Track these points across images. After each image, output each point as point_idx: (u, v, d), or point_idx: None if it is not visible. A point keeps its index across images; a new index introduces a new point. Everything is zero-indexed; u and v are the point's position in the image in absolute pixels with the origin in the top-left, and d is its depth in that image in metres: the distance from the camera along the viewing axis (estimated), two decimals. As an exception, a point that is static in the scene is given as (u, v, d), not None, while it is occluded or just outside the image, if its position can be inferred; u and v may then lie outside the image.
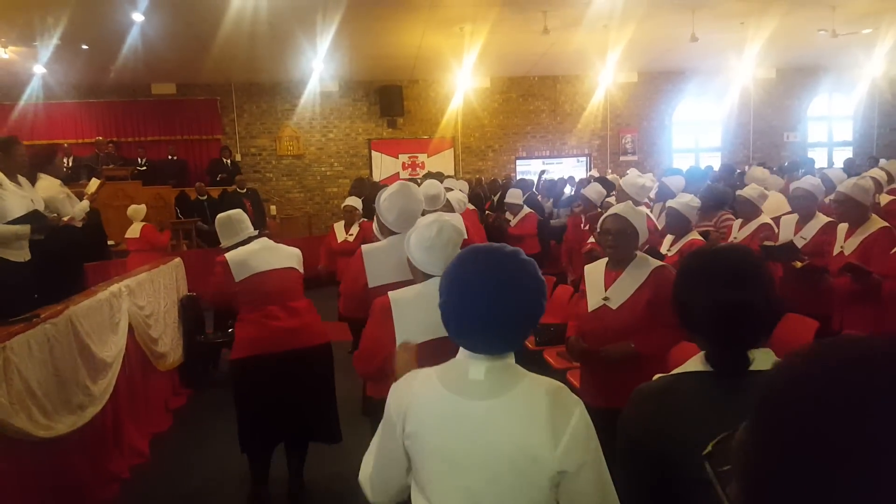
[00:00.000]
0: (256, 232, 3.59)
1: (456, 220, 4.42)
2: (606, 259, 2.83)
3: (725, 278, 1.24)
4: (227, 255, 3.35)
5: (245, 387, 3.33)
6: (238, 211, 3.60)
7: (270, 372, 3.24)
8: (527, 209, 6.86)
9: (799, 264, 3.81)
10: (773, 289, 1.27)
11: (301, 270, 3.49)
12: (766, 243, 4.28)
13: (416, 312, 2.05)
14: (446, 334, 1.93)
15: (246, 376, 3.30)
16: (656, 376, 1.37)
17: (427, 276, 2.14)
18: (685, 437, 1.22)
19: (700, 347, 1.32)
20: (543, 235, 6.97)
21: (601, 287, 2.75)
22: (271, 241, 3.52)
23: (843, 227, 3.84)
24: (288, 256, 3.45)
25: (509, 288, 1.27)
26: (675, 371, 1.34)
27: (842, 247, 3.75)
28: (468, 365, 1.31)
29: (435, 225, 2.11)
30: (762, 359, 1.24)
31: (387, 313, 2.09)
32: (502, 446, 1.23)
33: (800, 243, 4.12)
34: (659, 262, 2.71)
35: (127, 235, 7.80)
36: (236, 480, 3.69)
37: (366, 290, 2.69)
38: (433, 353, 1.92)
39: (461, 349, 1.35)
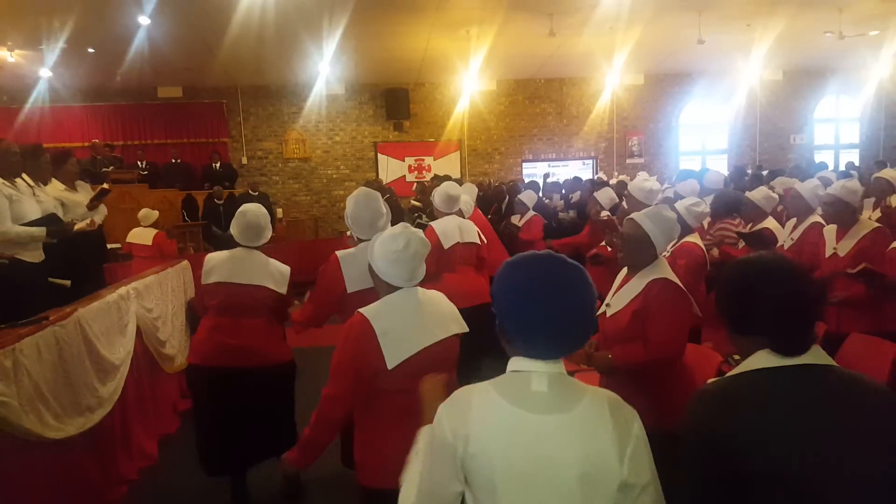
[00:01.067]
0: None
1: (466, 225, 4.41)
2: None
3: (781, 276, 1.34)
4: (207, 256, 3.31)
5: (198, 393, 3.37)
6: (260, 220, 3.33)
7: (221, 385, 3.17)
8: (532, 212, 6.83)
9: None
10: (815, 284, 1.45)
11: (280, 290, 3.29)
12: (740, 230, 4.53)
13: (398, 327, 2.00)
14: (431, 342, 2.01)
15: (197, 382, 3.33)
16: (710, 380, 1.44)
17: (392, 288, 2.08)
18: (766, 429, 1.25)
19: (748, 351, 1.37)
20: (550, 237, 6.95)
21: (612, 292, 2.70)
22: (259, 254, 3.31)
23: (830, 229, 3.82)
24: (268, 275, 3.27)
25: (573, 288, 1.31)
26: (735, 371, 1.37)
27: (835, 248, 3.72)
28: (529, 377, 1.29)
29: (402, 238, 2.05)
30: (817, 352, 1.34)
31: (369, 334, 1.99)
32: (574, 461, 1.23)
33: (789, 244, 4.20)
34: (661, 274, 2.52)
35: (132, 240, 7.44)
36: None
37: (343, 296, 2.75)
38: (421, 363, 1.96)
39: (512, 361, 1.33)
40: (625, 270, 2.70)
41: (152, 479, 3.79)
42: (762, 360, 1.33)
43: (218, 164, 11.88)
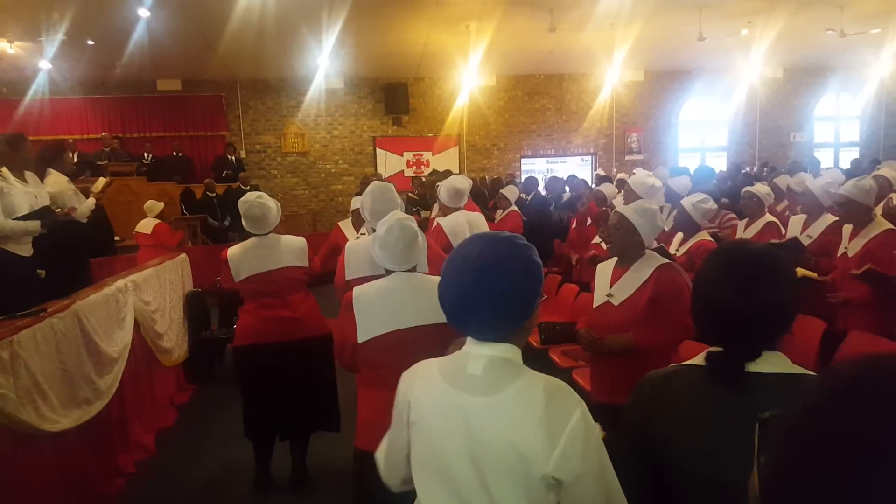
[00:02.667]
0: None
1: (475, 219, 4.31)
2: (616, 258, 2.84)
3: (740, 282, 1.23)
4: (228, 254, 3.44)
5: (245, 374, 3.51)
6: (266, 209, 3.45)
7: (267, 361, 3.39)
8: (513, 207, 6.71)
9: (799, 272, 3.72)
10: (792, 294, 1.25)
11: (303, 264, 3.50)
12: (772, 241, 4.27)
13: (376, 306, 2.15)
14: (404, 326, 2.12)
15: (245, 364, 3.48)
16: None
17: (388, 272, 2.23)
18: (674, 425, 1.27)
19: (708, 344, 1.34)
20: (534, 235, 6.89)
21: (607, 284, 2.79)
22: (275, 236, 3.47)
23: (847, 228, 3.80)
24: (288, 253, 3.46)
25: (496, 265, 1.25)
26: (681, 364, 1.37)
27: (846, 248, 3.71)
28: (468, 358, 1.30)
29: (385, 224, 2.20)
30: (770, 360, 1.23)
31: (349, 307, 2.18)
32: (494, 445, 1.21)
33: (805, 242, 4.11)
34: (664, 261, 2.71)
35: (138, 230, 7.66)
36: (241, 475, 3.70)
37: (347, 282, 2.85)
38: (393, 344, 2.11)
39: (467, 341, 1.34)
40: (607, 266, 2.86)
41: (149, 472, 3.80)
42: (702, 357, 1.30)
43: (234, 157, 11.92)
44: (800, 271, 3.72)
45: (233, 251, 3.45)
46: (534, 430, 1.18)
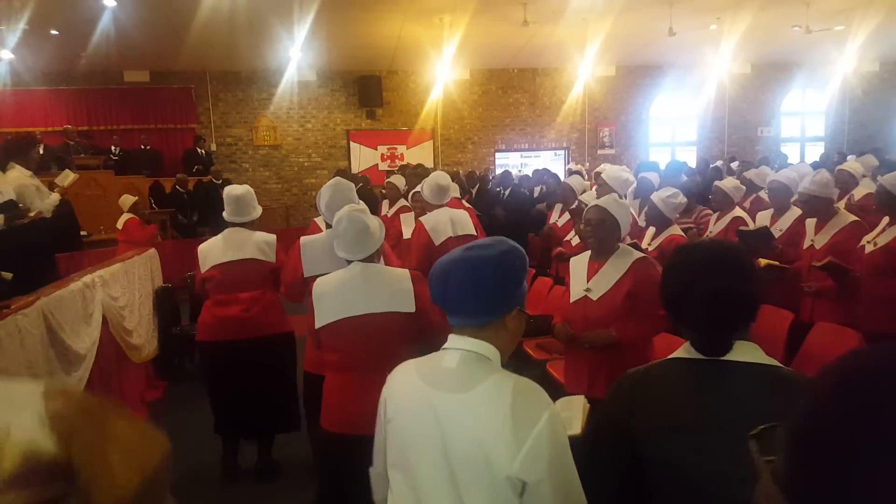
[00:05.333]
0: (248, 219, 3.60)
1: (459, 216, 4.23)
2: (590, 252, 2.86)
3: (714, 268, 1.29)
4: (199, 248, 3.52)
5: (207, 370, 3.57)
6: (246, 193, 3.59)
7: (227, 358, 3.41)
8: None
9: (763, 262, 3.79)
10: (756, 279, 1.33)
11: (269, 259, 3.50)
12: (742, 228, 4.36)
13: (331, 294, 2.29)
14: (356, 313, 2.24)
15: (205, 360, 3.55)
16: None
17: (347, 263, 2.37)
18: (658, 417, 1.28)
19: (685, 337, 1.35)
20: (513, 230, 6.90)
21: (584, 278, 2.79)
22: (245, 231, 3.53)
23: (811, 221, 3.88)
24: (252, 245, 3.48)
25: (479, 257, 1.32)
26: (660, 360, 1.39)
27: (812, 241, 3.78)
28: (445, 353, 1.33)
29: (345, 216, 2.34)
30: (744, 350, 1.28)
31: (311, 297, 2.34)
32: (463, 443, 1.22)
33: (776, 234, 4.19)
34: (640, 254, 2.75)
35: (117, 225, 7.60)
36: (213, 471, 3.68)
37: (303, 279, 2.93)
38: (346, 330, 2.25)
39: (449, 338, 1.35)
40: (581, 260, 2.87)
41: (119, 471, 3.74)
42: (682, 351, 1.33)
43: (203, 151, 11.70)
44: (763, 261, 3.79)
45: (204, 244, 3.55)
46: (499, 429, 1.18)
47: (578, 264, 2.88)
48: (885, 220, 3.43)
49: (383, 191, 6.67)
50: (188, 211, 10.13)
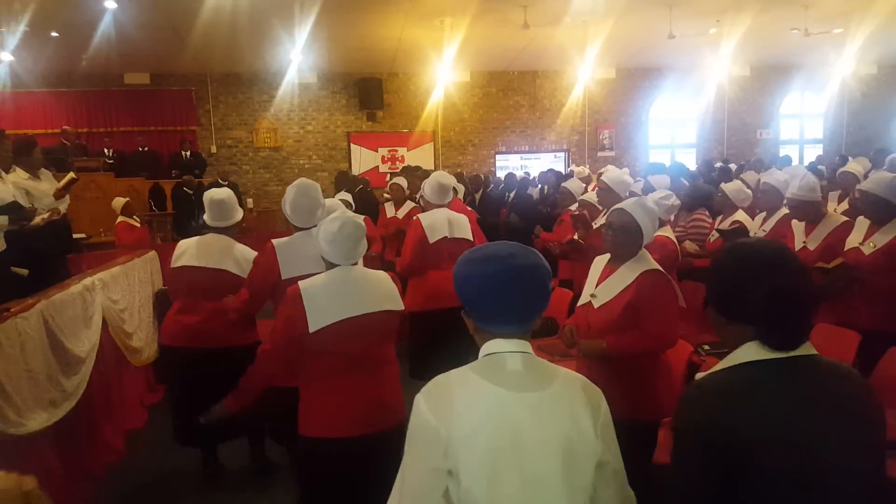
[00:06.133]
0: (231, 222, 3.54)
1: (457, 219, 4.21)
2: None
3: (780, 267, 1.30)
4: (179, 242, 3.51)
5: (168, 372, 3.60)
6: (228, 197, 3.53)
7: (188, 364, 3.35)
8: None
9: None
10: (811, 278, 1.38)
11: (242, 275, 3.33)
12: (719, 227, 4.48)
13: (324, 296, 2.28)
14: (353, 314, 2.25)
15: (168, 363, 3.55)
16: (699, 374, 1.39)
17: (333, 266, 2.36)
18: (760, 428, 1.22)
19: (733, 340, 1.34)
20: (520, 232, 6.93)
21: (594, 282, 2.69)
22: (227, 239, 3.47)
23: (798, 224, 3.89)
24: (231, 259, 3.38)
25: (531, 264, 1.37)
26: (726, 363, 1.33)
27: (804, 242, 3.79)
28: (504, 358, 1.34)
29: (338, 221, 2.31)
30: (805, 346, 1.31)
31: (296, 300, 2.28)
32: (556, 437, 1.27)
33: (760, 235, 4.25)
34: (650, 266, 2.56)
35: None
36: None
37: (278, 282, 2.89)
38: (343, 331, 2.25)
39: (485, 346, 1.37)
40: (600, 262, 2.72)
41: (120, 475, 3.73)
42: (752, 352, 1.29)
43: (188, 153, 11.64)
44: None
45: (185, 240, 3.50)
46: (585, 418, 1.30)
47: (597, 266, 2.74)
48: (867, 222, 3.46)
49: (385, 193, 6.64)
50: (196, 213, 10.08)
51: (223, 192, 3.51)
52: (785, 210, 4.23)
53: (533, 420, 1.27)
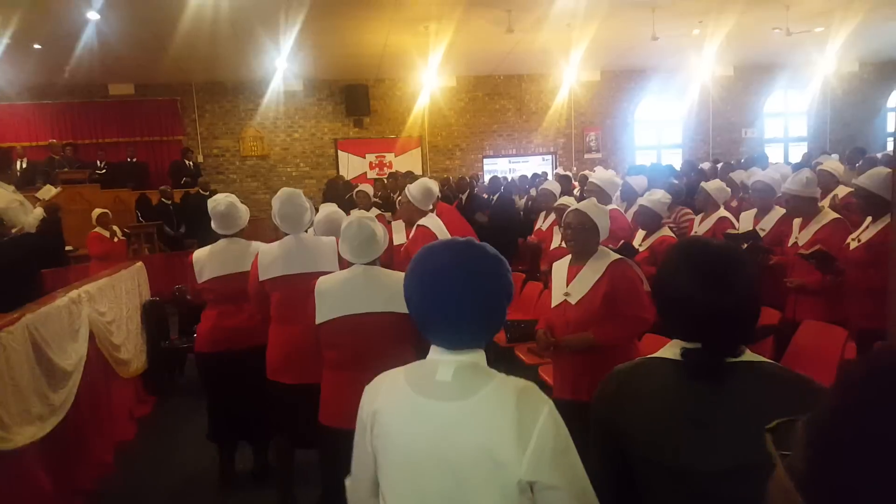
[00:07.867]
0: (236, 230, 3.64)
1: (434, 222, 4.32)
2: (570, 256, 2.89)
3: (711, 278, 1.19)
4: (194, 256, 3.54)
5: (206, 380, 3.62)
6: (229, 207, 3.60)
7: (225, 369, 3.47)
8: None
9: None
10: (757, 291, 1.23)
11: None
12: (730, 231, 4.40)
13: (333, 292, 2.44)
14: (356, 312, 2.39)
15: (204, 370, 3.59)
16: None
17: (351, 264, 2.50)
18: (646, 418, 1.24)
19: (668, 333, 1.32)
20: (500, 234, 6.91)
21: (564, 282, 2.84)
22: (241, 241, 3.59)
23: (797, 221, 3.92)
24: (251, 259, 3.42)
25: (472, 278, 1.24)
26: (646, 357, 1.34)
27: (796, 238, 3.83)
28: (436, 366, 1.26)
29: (354, 223, 2.47)
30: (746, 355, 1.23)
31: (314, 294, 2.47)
32: (467, 449, 1.18)
33: (760, 235, 4.23)
34: (617, 256, 2.81)
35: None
36: (204, 484, 3.65)
37: (260, 284, 3.08)
38: (346, 327, 2.39)
39: (432, 348, 1.31)
40: (561, 265, 2.91)
41: (109, 489, 3.69)
42: (671, 351, 1.26)
43: (192, 163, 11.60)
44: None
45: (199, 252, 3.57)
46: (506, 432, 1.17)
47: (560, 268, 2.92)
48: (868, 218, 3.47)
49: (374, 198, 6.68)
50: (175, 223, 10.05)
51: (223, 204, 3.57)
52: (781, 210, 4.24)
53: (449, 430, 1.20)
